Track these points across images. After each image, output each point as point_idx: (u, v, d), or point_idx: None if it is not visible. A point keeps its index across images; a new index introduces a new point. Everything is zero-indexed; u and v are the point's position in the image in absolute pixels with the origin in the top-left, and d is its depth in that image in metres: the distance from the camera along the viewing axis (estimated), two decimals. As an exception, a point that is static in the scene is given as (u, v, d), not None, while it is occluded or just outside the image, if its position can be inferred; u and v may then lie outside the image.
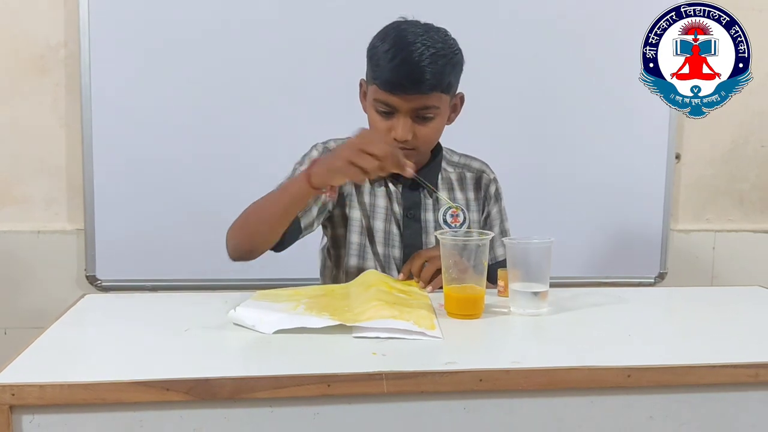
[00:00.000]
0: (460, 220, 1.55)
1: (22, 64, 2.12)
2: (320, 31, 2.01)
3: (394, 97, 1.39)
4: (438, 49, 1.37)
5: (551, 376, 0.94)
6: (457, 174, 1.59)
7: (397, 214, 1.53)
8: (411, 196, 1.54)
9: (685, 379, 0.97)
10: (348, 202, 1.54)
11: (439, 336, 1.06)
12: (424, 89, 1.37)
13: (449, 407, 0.94)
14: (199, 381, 0.89)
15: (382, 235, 1.52)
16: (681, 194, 2.42)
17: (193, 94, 2.12)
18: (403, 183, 1.53)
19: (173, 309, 1.20)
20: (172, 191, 2.12)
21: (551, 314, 1.20)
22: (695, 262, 2.43)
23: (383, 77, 1.38)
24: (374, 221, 1.53)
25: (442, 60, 1.37)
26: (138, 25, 2.08)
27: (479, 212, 1.59)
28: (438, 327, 1.09)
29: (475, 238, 1.18)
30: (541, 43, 2.22)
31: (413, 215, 1.53)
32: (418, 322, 1.08)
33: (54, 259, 2.17)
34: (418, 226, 1.53)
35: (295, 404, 0.91)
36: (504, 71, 2.21)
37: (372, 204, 1.53)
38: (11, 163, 2.15)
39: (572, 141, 2.27)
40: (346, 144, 1.23)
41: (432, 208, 1.55)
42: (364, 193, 1.53)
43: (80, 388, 0.87)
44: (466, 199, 1.58)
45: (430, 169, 1.55)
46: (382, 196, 1.53)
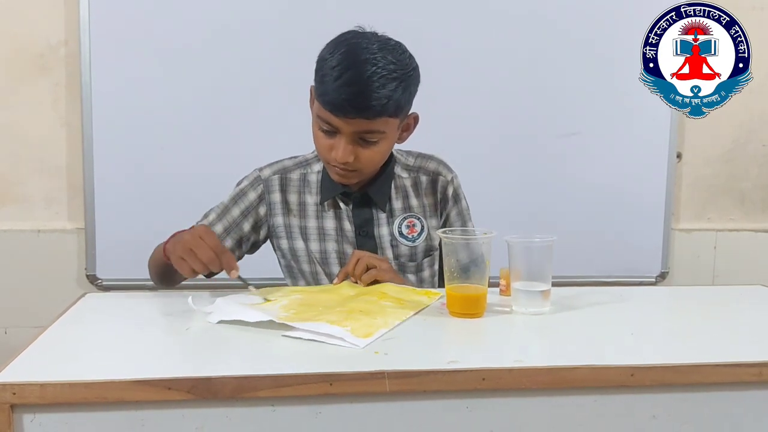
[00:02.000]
0: (417, 230, 1.49)
1: (23, 63, 2.12)
2: (325, 33, 2.00)
3: (336, 119, 1.30)
4: (390, 70, 1.28)
5: (554, 375, 0.94)
6: (411, 179, 1.51)
7: (349, 233, 1.47)
8: (362, 213, 1.48)
9: (689, 378, 0.96)
10: (287, 233, 1.49)
11: (358, 344, 0.99)
12: (370, 115, 1.29)
13: (452, 406, 0.93)
14: (201, 380, 0.88)
15: (335, 256, 1.47)
16: (682, 193, 2.41)
17: (194, 94, 2.12)
18: (353, 201, 1.47)
19: (174, 308, 1.19)
20: (172, 190, 2.12)
21: (553, 313, 1.20)
22: (697, 262, 2.43)
23: (327, 97, 1.29)
24: (326, 243, 1.47)
25: (393, 83, 1.28)
26: (139, 24, 2.08)
27: (437, 217, 1.52)
28: (378, 336, 1.03)
29: (476, 237, 1.18)
30: (541, 43, 2.22)
31: (366, 232, 1.48)
32: (356, 330, 1.03)
33: (54, 259, 2.17)
34: (372, 242, 1.48)
35: (297, 403, 0.91)
36: (505, 71, 2.21)
37: (321, 227, 1.48)
38: (12, 163, 2.15)
39: (574, 140, 2.27)
40: (182, 240, 1.24)
41: (386, 222, 1.48)
42: (309, 217, 1.48)
43: (81, 387, 0.87)
44: (423, 206, 1.51)
45: (380, 183, 1.47)
46: (331, 218, 1.48)
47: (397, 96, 1.30)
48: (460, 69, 2.18)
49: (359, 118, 1.29)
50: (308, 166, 1.51)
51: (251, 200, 1.49)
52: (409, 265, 1.49)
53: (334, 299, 1.24)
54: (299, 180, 1.50)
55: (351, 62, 1.28)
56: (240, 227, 1.49)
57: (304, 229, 1.48)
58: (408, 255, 1.49)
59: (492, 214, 1.64)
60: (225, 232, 1.48)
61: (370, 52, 1.30)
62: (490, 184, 2.16)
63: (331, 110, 1.30)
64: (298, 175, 1.50)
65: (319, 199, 1.48)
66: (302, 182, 1.50)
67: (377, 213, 1.49)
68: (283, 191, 1.49)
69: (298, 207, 1.49)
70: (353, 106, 1.28)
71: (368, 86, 1.27)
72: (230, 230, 1.48)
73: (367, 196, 1.47)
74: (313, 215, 1.48)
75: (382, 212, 1.48)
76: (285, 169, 1.51)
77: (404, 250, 1.49)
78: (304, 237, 1.48)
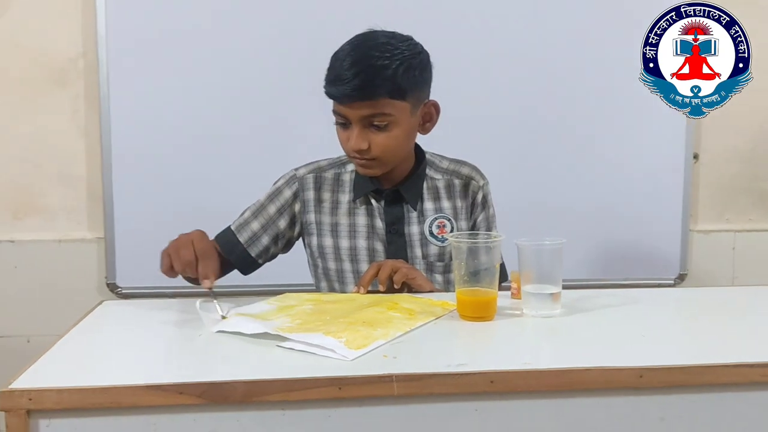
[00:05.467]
0: (447, 230, 1.51)
1: (42, 76, 2.16)
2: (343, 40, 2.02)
3: (342, 107, 1.37)
4: (392, 53, 1.34)
5: (563, 377, 0.94)
6: (444, 181, 1.54)
7: (380, 230, 1.50)
8: (393, 210, 1.51)
9: (698, 379, 0.96)
10: (317, 230, 1.52)
11: (346, 357, 0.98)
12: (368, 96, 1.34)
13: (460, 409, 0.94)
14: (212, 384, 0.90)
15: (365, 253, 1.50)
16: (700, 194, 2.40)
17: (211, 103, 2.14)
18: (385, 198, 1.51)
19: (187, 315, 1.21)
20: (191, 199, 2.15)
21: (564, 316, 1.20)
22: (715, 263, 2.41)
23: (330, 87, 1.37)
24: (356, 240, 1.50)
25: (395, 64, 1.34)
26: (155, 36, 2.11)
27: (467, 220, 1.55)
28: (373, 347, 1.01)
29: (486, 240, 1.18)
30: (550, 44, 2.21)
31: (396, 230, 1.50)
32: (351, 341, 1.02)
33: (75, 268, 2.21)
34: (402, 240, 1.50)
35: (306, 407, 0.92)
36: (517, 74, 2.21)
37: (352, 224, 1.51)
38: (33, 174, 2.19)
39: (590, 142, 2.27)
40: (176, 239, 1.33)
41: (416, 221, 1.51)
42: (341, 215, 1.51)
43: (96, 392, 0.88)
44: (454, 208, 1.53)
45: (412, 181, 1.51)
46: (363, 215, 1.51)
47: (397, 76, 1.34)
48: (471, 72, 2.18)
49: (360, 100, 1.35)
50: (342, 166, 1.55)
51: (287, 198, 1.53)
52: (438, 265, 1.52)
53: (343, 309, 1.23)
54: (333, 179, 1.54)
55: (355, 50, 1.36)
56: (276, 224, 1.53)
57: (336, 226, 1.51)
58: (437, 255, 1.51)
59: (507, 216, 1.65)
60: (262, 228, 1.52)
61: (374, 39, 1.38)
62: (505, 187, 2.15)
63: (337, 99, 1.37)
64: (332, 175, 1.54)
65: (352, 196, 1.51)
66: (336, 181, 1.54)
67: (408, 211, 1.51)
68: (317, 189, 1.53)
69: (331, 205, 1.52)
70: (352, 89, 1.33)
71: (365, 69, 1.33)
72: (267, 227, 1.52)
73: (399, 194, 1.51)
74: (345, 212, 1.52)
75: (413, 210, 1.51)
76: (320, 169, 1.55)
77: (433, 250, 1.51)
78: (335, 234, 1.51)
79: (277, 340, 1.05)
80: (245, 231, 1.52)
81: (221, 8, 2.13)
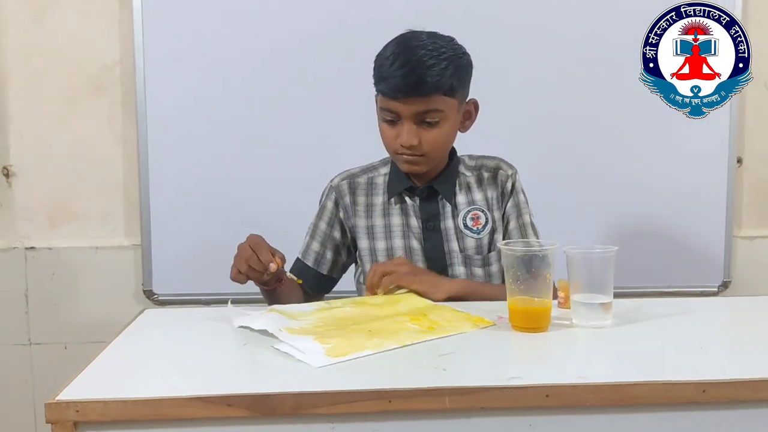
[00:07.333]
0: (481, 222, 1.52)
1: (79, 83, 2.17)
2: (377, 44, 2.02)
3: (395, 103, 1.39)
4: (440, 52, 1.37)
5: (620, 392, 0.91)
6: (474, 176, 1.56)
7: (416, 228, 1.52)
8: (428, 207, 1.53)
9: (764, 395, 0.92)
10: (358, 234, 1.55)
11: (312, 364, 0.97)
12: (424, 91, 1.37)
13: (514, 424, 0.91)
14: (260, 396, 0.88)
15: (402, 252, 1.51)
16: (743, 199, 2.33)
17: (248, 109, 2.13)
18: (419, 195, 1.53)
19: (230, 324, 1.19)
20: (227, 206, 2.14)
21: (616, 326, 1.16)
22: (760, 270, 2.34)
23: (383, 83, 1.39)
24: (392, 240, 1.52)
25: (444, 63, 1.37)
26: (192, 43, 2.11)
27: (500, 210, 1.55)
28: (354, 356, 1.00)
29: (539, 248, 1.15)
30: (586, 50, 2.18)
31: (432, 226, 1.52)
32: (334, 349, 1.02)
33: (112, 275, 2.21)
34: (439, 236, 1.52)
35: (355, 420, 0.90)
36: (554, 77, 2.17)
37: (387, 225, 1.53)
38: (69, 181, 2.20)
39: (631, 147, 2.22)
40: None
41: (451, 214, 1.52)
42: (376, 216, 1.54)
43: (142, 404, 0.87)
44: (486, 199, 1.54)
45: (445, 176, 1.53)
46: (398, 214, 1.53)
47: (449, 74, 1.37)
48: (499, 77, 2.15)
49: (415, 96, 1.37)
50: (375, 170, 1.59)
51: (330, 209, 1.58)
52: (476, 258, 1.51)
53: (369, 315, 1.22)
54: (366, 183, 1.57)
55: (403, 48, 1.39)
56: (332, 237, 1.57)
57: (371, 228, 1.54)
58: (474, 248, 1.52)
59: (548, 223, 1.62)
60: (322, 246, 1.57)
61: (419, 39, 1.40)
62: (546, 193, 2.12)
63: (390, 95, 1.39)
64: (365, 180, 1.58)
65: (386, 198, 1.54)
66: (369, 185, 1.57)
67: (443, 206, 1.52)
68: (352, 194, 1.57)
69: (365, 208, 1.55)
70: (408, 84, 1.36)
71: (420, 65, 1.36)
72: (326, 243, 1.57)
73: (433, 190, 1.52)
74: (380, 214, 1.54)
75: (448, 205, 1.52)
76: (352, 175, 1.59)
77: (470, 243, 1.52)
78: (371, 236, 1.54)
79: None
80: (309, 254, 1.58)
81: (257, 15, 2.11)
